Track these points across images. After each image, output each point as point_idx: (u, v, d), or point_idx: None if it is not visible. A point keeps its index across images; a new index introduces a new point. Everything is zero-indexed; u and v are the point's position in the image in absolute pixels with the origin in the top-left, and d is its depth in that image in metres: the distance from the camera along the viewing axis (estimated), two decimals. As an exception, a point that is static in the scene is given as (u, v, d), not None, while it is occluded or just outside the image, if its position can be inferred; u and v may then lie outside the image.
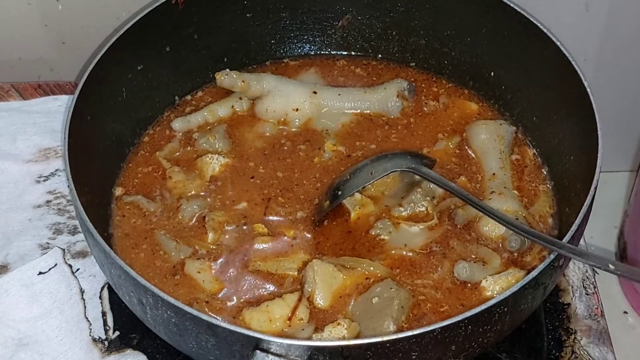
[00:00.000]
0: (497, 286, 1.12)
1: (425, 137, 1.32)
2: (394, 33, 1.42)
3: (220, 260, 1.17)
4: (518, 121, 1.33)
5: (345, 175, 1.20)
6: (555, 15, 1.40)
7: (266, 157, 1.29)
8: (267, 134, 1.32)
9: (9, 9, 1.52)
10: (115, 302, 1.21)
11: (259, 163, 1.28)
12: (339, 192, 1.18)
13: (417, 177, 1.20)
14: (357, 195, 1.21)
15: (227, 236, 1.19)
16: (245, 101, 1.35)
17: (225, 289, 1.14)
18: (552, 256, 1.01)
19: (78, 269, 1.25)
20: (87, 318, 1.20)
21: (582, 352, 1.18)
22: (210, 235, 1.19)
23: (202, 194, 1.24)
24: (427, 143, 1.31)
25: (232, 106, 1.35)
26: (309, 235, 1.19)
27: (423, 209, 1.21)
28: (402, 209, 1.21)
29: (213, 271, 1.16)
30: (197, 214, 1.22)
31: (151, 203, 1.23)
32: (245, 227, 1.20)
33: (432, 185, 1.21)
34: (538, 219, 1.21)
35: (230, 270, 1.16)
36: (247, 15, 1.38)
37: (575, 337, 1.20)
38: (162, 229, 1.20)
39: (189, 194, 1.24)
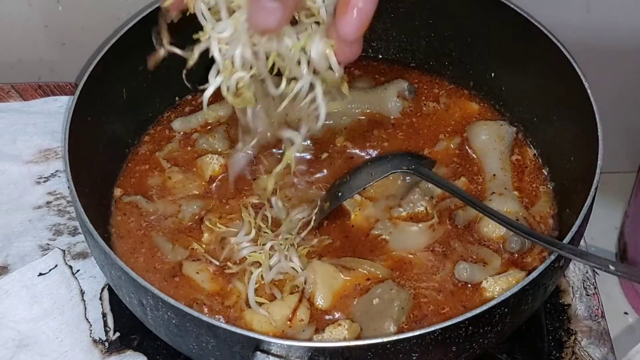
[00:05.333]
0: (498, 287, 1.12)
1: (426, 138, 1.32)
2: (394, 33, 1.41)
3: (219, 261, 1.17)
4: (518, 122, 1.33)
5: (345, 176, 1.20)
6: (555, 17, 1.39)
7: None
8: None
9: (9, 9, 1.52)
10: (116, 303, 1.20)
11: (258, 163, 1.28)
12: (339, 194, 1.18)
13: (417, 177, 1.20)
14: (357, 197, 1.21)
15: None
16: (245, 101, 1.35)
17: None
18: (552, 257, 1.01)
19: (78, 270, 1.25)
20: (87, 319, 1.20)
21: (582, 353, 1.18)
22: (209, 236, 1.19)
23: (201, 194, 1.24)
24: (428, 144, 1.31)
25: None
26: (309, 236, 1.19)
27: (422, 208, 1.21)
28: (401, 209, 1.21)
29: (212, 272, 1.16)
30: (197, 214, 1.21)
31: (150, 203, 1.23)
32: (245, 228, 1.20)
33: (430, 184, 1.21)
34: (538, 220, 1.21)
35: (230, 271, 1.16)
36: (247, 15, 1.38)
37: (575, 338, 1.20)
38: (161, 229, 1.20)
39: (189, 195, 1.24)
